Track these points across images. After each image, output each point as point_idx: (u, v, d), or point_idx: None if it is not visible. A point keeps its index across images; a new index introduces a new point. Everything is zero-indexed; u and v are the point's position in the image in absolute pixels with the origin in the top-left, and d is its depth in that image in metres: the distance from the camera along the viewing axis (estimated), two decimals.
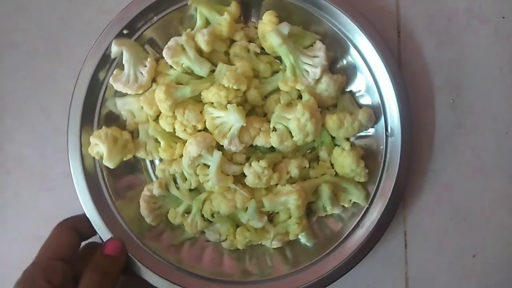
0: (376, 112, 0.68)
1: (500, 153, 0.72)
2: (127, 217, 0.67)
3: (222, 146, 0.65)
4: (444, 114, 0.72)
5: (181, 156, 0.66)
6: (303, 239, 0.69)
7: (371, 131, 0.69)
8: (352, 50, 0.67)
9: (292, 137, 0.64)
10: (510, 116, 0.72)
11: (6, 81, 0.74)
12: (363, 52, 0.67)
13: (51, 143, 0.73)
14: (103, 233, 0.65)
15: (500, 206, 0.72)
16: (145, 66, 0.67)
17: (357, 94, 0.70)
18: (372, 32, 0.66)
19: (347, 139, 0.69)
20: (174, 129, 0.66)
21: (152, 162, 0.72)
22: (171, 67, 0.67)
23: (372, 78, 0.67)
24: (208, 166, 0.65)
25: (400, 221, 0.73)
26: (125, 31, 0.66)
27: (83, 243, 0.64)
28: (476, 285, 0.72)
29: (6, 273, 0.71)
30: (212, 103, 0.65)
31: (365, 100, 0.69)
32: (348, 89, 0.70)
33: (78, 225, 0.63)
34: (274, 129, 0.65)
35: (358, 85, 0.69)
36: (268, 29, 0.64)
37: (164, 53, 0.65)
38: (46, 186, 0.73)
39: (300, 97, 0.68)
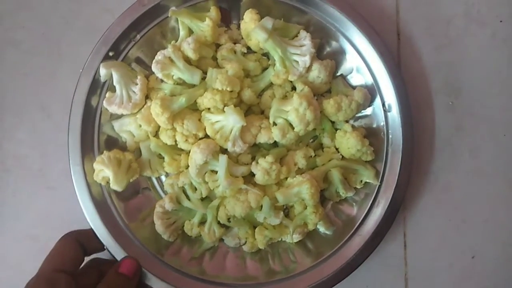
0: (371, 91, 0.68)
1: (498, 155, 0.73)
2: (143, 237, 0.67)
3: (226, 149, 0.65)
4: (443, 116, 0.73)
5: (187, 167, 0.66)
6: (322, 228, 0.69)
7: (368, 110, 0.70)
8: (336, 33, 0.68)
9: (293, 128, 0.64)
10: (508, 118, 0.73)
11: (7, 79, 0.73)
12: (348, 34, 0.67)
13: (51, 141, 0.72)
14: (121, 257, 0.64)
15: (499, 208, 0.73)
16: (136, 84, 0.66)
17: (348, 77, 0.70)
18: (353, 14, 0.67)
19: (347, 122, 0.70)
20: (175, 141, 0.66)
21: (158, 178, 0.71)
22: (162, 81, 0.67)
23: (361, 58, 0.68)
24: (216, 172, 0.65)
25: (399, 222, 0.73)
26: (110, 53, 0.66)
27: (86, 258, 0.62)
28: (475, 286, 0.72)
29: (4, 272, 0.70)
30: (209, 108, 0.65)
31: (357, 81, 0.70)
32: (339, 73, 0.71)
33: (83, 239, 0.61)
34: (275, 124, 0.65)
35: (348, 67, 0.70)
36: (252, 26, 0.65)
37: (153, 68, 0.65)
38: (45, 185, 0.72)
39: (293, 88, 0.69)
